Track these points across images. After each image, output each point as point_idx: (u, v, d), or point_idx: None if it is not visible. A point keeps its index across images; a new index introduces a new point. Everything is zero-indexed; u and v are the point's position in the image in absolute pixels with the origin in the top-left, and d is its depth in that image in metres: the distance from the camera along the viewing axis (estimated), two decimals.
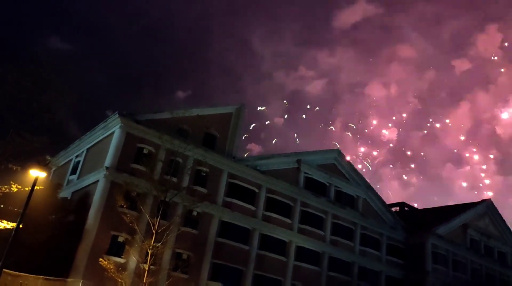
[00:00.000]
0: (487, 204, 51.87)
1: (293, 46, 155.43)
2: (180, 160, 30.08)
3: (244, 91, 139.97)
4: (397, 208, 53.54)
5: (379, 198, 44.43)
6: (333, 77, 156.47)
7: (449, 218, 47.57)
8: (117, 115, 29.85)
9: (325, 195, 40.22)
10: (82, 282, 25.24)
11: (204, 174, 32.78)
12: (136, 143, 30.46)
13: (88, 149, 34.07)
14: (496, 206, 52.25)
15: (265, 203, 36.00)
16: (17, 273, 22.64)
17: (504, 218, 52.79)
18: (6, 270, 20.84)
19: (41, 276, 23.67)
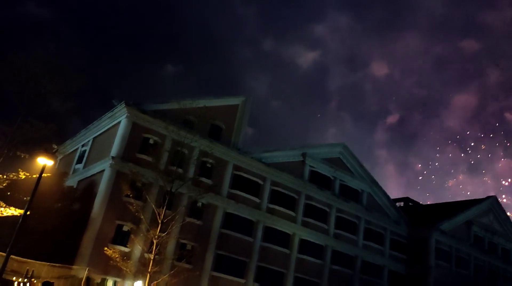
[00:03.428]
0: (492, 201, 51.74)
1: (286, 14, 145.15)
2: (186, 151, 30.11)
3: (233, 61, 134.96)
4: (401, 203, 53.50)
5: (383, 192, 44.38)
6: (328, 49, 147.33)
7: (453, 214, 47.50)
8: (123, 105, 29.88)
9: (329, 188, 40.23)
10: (87, 270, 25.45)
11: (210, 166, 32.84)
12: (142, 133, 30.51)
13: (94, 138, 34.17)
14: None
15: (269, 196, 36.04)
16: (23, 259, 22.86)
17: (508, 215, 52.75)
18: (13, 256, 21.02)
19: (47, 263, 23.90)
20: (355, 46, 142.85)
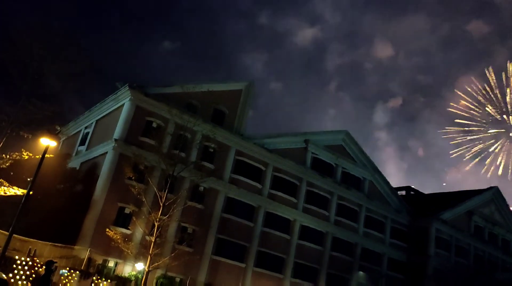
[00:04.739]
0: (494, 192, 51.73)
1: None
2: (189, 135, 30.10)
3: (229, 37, 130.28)
4: (403, 192, 53.60)
5: (385, 180, 44.42)
6: (328, 26, 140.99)
7: (455, 204, 47.61)
8: (127, 88, 29.81)
9: (331, 175, 40.27)
10: (89, 250, 25.71)
11: (212, 150, 32.87)
12: (145, 116, 30.51)
13: (97, 121, 34.21)
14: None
15: (271, 181, 36.13)
16: (26, 238, 23.09)
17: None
18: (16, 235, 21.19)
19: (49, 243, 24.14)
20: (357, 23, 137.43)
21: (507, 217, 52.36)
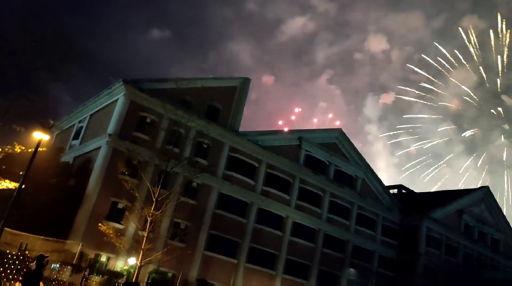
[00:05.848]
0: (484, 191, 52.30)
1: None
2: (183, 131, 30.10)
3: (216, 25, 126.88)
4: (395, 190, 53.99)
5: (377, 179, 44.71)
6: (319, 15, 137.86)
7: (445, 203, 48.05)
8: (121, 83, 29.73)
9: (324, 173, 40.47)
10: (81, 245, 25.68)
11: (206, 146, 32.89)
12: (140, 111, 30.43)
13: (91, 115, 34.08)
14: None
15: (264, 178, 36.25)
16: (17, 232, 23.00)
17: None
18: (7, 229, 21.10)
19: (41, 236, 24.06)
20: (349, 13, 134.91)
21: (497, 217, 52.98)
